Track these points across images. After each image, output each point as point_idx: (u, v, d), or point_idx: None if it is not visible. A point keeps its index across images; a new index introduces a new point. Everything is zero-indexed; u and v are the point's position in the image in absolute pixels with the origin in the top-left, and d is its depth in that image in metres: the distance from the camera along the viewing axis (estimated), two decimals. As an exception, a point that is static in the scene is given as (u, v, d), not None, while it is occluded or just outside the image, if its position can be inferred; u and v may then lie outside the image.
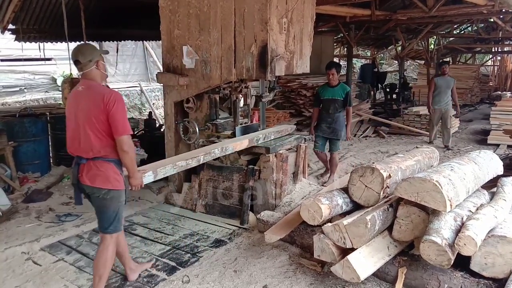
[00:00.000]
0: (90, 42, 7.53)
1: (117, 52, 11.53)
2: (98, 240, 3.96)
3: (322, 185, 5.36)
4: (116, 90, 3.05)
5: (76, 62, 2.88)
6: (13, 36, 7.34)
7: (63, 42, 7.35)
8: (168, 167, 3.43)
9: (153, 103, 13.80)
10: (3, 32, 6.89)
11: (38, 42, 7.68)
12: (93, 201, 2.95)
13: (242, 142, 4.26)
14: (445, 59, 13.82)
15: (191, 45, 4.51)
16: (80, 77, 2.97)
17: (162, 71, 4.95)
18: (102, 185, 2.81)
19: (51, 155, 6.52)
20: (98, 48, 3.07)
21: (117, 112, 2.74)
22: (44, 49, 7.73)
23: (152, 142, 6.23)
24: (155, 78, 5.23)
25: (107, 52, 3.27)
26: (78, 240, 4.02)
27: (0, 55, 10.74)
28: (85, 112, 2.78)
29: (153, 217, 4.60)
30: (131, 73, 14.19)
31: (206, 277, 3.29)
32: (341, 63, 19.26)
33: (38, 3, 6.71)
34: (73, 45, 7.62)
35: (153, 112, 8.46)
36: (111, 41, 10.34)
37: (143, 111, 13.54)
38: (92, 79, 2.91)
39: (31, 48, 8.13)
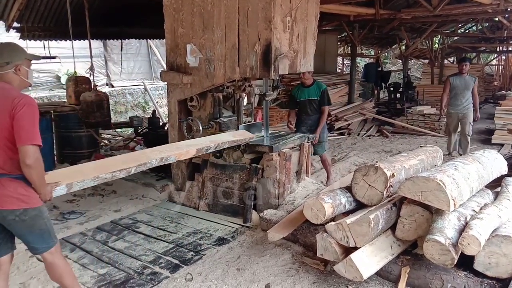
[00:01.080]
0: (94, 41, 7.54)
1: (121, 50, 11.59)
2: (102, 238, 4.01)
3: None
4: (120, 88, 2.85)
5: None
6: (18, 34, 7.37)
7: (68, 41, 7.38)
8: (87, 180, 2.80)
9: (157, 102, 13.84)
10: (8, 30, 6.92)
11: (42, 41, 7.71)
12: (8, 227, 2.48)
13: (188, 151, 3.62)
14: (465, 56, 13.18)
15: (195, 43, 4.51)
16: None
17: (166, 69, 4.96)
18: (13, 206, 2.38)
19: (55, 153, 6.55)
20: (22, 50, 2.62)
21: (23, 118, 2.31)
22: (49, 47, 7.76)
23: (155, 140, 6.24)
24: (159, 77, 5.24)
25: (38, 58, 2.88)
26: (81, 237, 4.04)
27: (5, 53, 10.80)
28: None
29: (156, 215, 4.62)
30: (135, 71, 14.23)
31: (209, 275, 3.30)
32: (345, 62, 19.27)
33: (42, 1, 6.74)
34: (77, 43, 7.69)
35: (156, 111, 8.47)
36: (115, 40, 10.38)
37: (147, 109, 13.59)
38: (7, 83, 2.48)
39: (35, 46, 8.16)
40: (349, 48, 14.76)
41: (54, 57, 8.87)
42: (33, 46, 8.05)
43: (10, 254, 2.68)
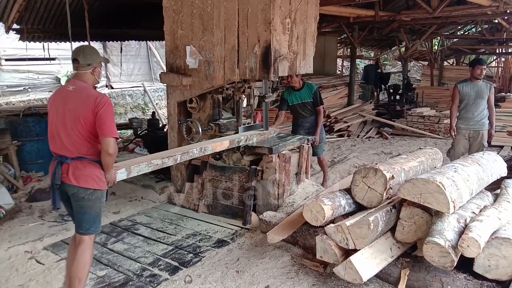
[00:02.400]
0: (94, 42, 7.55)
1: (120, 52, 11.57)
2: (101, 239, 3.99)
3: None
4: (119, 89, 3.09)
5: (74, 61, 2.89)
6: (18, 36, 7.38)
7: (67, 42, 7.38)
8: (142, 165, 3.28)
9: (156, 103, 13.83)
10: (7, 32, 6.93)
11: (42, 42, 7.71)
12: (74, 202, 2.85)
13: (222, 143, 4.12)
14: (479, 57, 12.26)
15: (195, 45, 4.51)
16: (72, 76, 2.93)
17: (165, 71, 4.96)
18: (88, 185, 2.78)
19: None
20: (100, 54, 3.06)
21: (105, 115, 2.74)
22: (48, 48, 7.75)
23: (155, 142, 6.24)
24: (159, 78, 5.24)
25: (107, 61, 3.22)
26: (81, 239, 4.03)
27: (4, 54, 10.80)
28: (73, 113, 2.77)
29: (155, 217, 4.61)
30: (135, 73, 14.21)
31: (209, 277, 3.29)
32: (344, 63, 19.29)
33: (42, 3, 6.74)
34: (76, 45, 7.68)
35: (156, 112, 8.48)
36: (114, 41, 10.38)
37: (146, 111, 13.58)
38: (84, 82, 2.90)
39: (35, 48, 8.16)
40: (349, 49, 14.76)
41: (53, 59, 8.88)
42: (32, 48, 8.07)
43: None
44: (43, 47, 7.70)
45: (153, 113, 7.66)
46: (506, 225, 2.98)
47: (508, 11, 8.76)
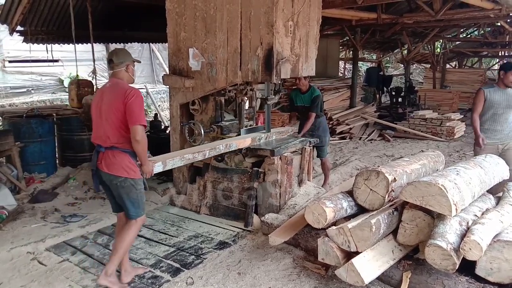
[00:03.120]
0: (97, 44, 7.57)
1: (123, 54, 11.62)
2: (103, 241, 4.01)
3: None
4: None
5: (110, 61, 3.19)
6: (21, 38, 7.41)
7: (70, 44, 7.41)
8: (176, 159, 3.61)
9: (159, 105, 13.87)
10: (11, 34, 6.96)
11: (45, 44, 7.75)
12: (112, 188, 3.14)
13: (245, 140, 4.41)
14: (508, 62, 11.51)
15: (197, 47, 4.53)
16: (110, 76, 3.30)
17: (168, 73, 4.98)
18: (118, 173, 3.03)
19: (57, 156, 6.56)
20: (130, 54, 3.32)
21: (134, 104, 2.98)
22: (51, 50, 7.79)
23: (157, 144, 6.24)
24: (161, 80, 5.26)
25: (139, 61, 3.53)
26: (83, 240, 4.04)
27: (8, 56, 10.86)
28: (108, 105, 3.05)
29: (157, 218, 4.62)
30: (137, 75, 14.13)
31: (210, 279, 3.29)
32: (347, 66, 19.29)
33: (46, 5, 6.77)
34: (80, 47, 7.71)
35: (158, 114, 8.50)
36: (117, 43, 10.41)
37: (149, 113, 13.59)
38: (120, 79, 3.18)
39: (38, 50, 8.21)
40: (351, 52, 14.79)
41: (56, 61, 8.93)
42: (36, 50, 8.12)
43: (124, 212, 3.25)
44: (47, 49, 7.73)
45: (156, 115, 7.68)
46: (509, 228, 2.98)
47: (510, 14, 8.75)
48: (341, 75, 16.44)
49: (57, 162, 6.52)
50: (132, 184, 3.07)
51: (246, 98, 4.81)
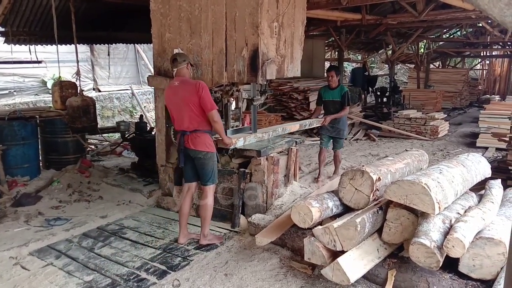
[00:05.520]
0: (81, 45, 7.46)
1: (108, 55, 11.49)
2: (88, 244, 3.96)
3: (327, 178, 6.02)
4: (107, 92, 3.18)
5: (174, 61, 3.85)
6: (2, 39, 7.27)
7: (53, 45, 7.31)
8: (251, 136, 4.55)
9: (144, 106, 13.75)
10: (-8, 35, 6.83)
11: (28, 45, 7.62)
12: (196, 161, 3.87)
13: (295, 125, 5.64)
14: None
15: (182, 48, 4.50)
16: (174, 75, 3.90)
17: (153, 74, 4.94)
18: (203, 148, 3.78)
19: (41, 158, 6.46)
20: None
21: (205, 95, 3.68)
22: (35, 51, 7.66)
23: (142, 145, 6.21)
24: (146, 81, 5.22)
25: (196, 65, 4.28)
26: (67, 244, 3.99)
27: (-11, 57, 10.63)
28: (184, 99, 3.72)
29: (143, 220, 4.58)
30: (122, 76, 14.12)
31: (197, 281, 3.28)
32: (332, 66, 19.34)
33: (28, 6, 6.66)
34: (63, 48, 7.60)
35: (144, 115, 8.40)
36: (102, 44, 10.29)
37: (134, 114, 13.49)
38: (183, 76, 3.83)
39: (21, 51, 8.06)
40: (336, 53, 14.88)
41: (39, 62, 8.77)
42: (18, 51, 7.97)
43: (196, 183, 4.03)
44: (29, 50, 7.60)
45: (141, 116, 7.60)
46: (490, 225, 3.03)
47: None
48: (326, 74, 16.54)
49: (40, 165, 6.42)
50: (211, 156, 3.83)
51: (232, 99, 4.80)
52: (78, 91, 6.54)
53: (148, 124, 7.92)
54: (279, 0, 4.20)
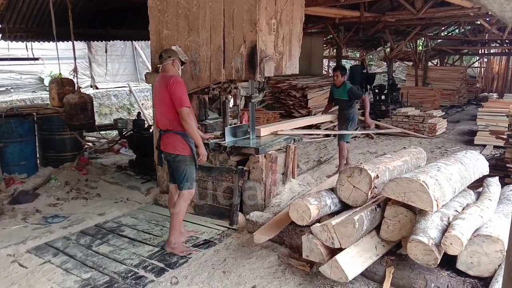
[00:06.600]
0: (78, 42, 7.45)
1: (105, 52, 11.44)
2: (86, 241, 3.96)
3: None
4: (104, 90, 3.22)
5: (160, 57, 3.71)
6: (-1, 35, 7.24)
7: (51, 42, 7.27)
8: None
9: (142, 103, 13.72)
10: (-12, 31, 6.79)
11: (25, 42, 7.58)
12: (169, 164, 3.77)
13: (325, 118, 6.68)
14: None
15: (180, 45, 4.48)
16: (159, 71, 3.74)
17: (151, 71, 4.92)
18: (172, 150, 3.62)
19: (38, 156, 6.44)
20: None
21: (176, 90, 3.45)
22: (31, 48, 7.62)
23: (140, 143, 6.19)
24: (144, 78, 5.21)
25: (184, 63, 3.89)
26: (65, 241, 3.98)
27: (-15, 54, 10.57)
28: (159, 96, 3.60)
29: (141, 218, 4.58)
30: (120, 73, 14.07)
31: (195, 278, 3.28)
32: (330, 64, 19.40)
33: (25, 2, 6.62)
34: (61, 45, 7.56)
35: (142, 113, 8.37)
36: (99, 41, 10.25)
37: (132, 111, 13.46)
38: (167, 72, 3.64)
39: (18, 48, 8.01)
40: (335, 50, 14.85)
41: (37, 59, 8.73)
42: (15, 47, 7.93)
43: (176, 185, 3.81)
44: (26, 46, 7.57)
45: (139, 113, 7.58)
46: (488, 223, 3.04)
47: (489, 13, 8.91)
48: (325, 73, 16.53)
49: (38, 162, 6.40)
50: (182, 160, 3.61)
51: (230, 96, 4.79)
52: (76, 88, 6.51)
53: (145, 122, 7.91)
54: (277, -3, 4.19)
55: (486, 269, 2.82)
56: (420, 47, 16.63)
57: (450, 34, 16.42)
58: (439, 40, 16.96)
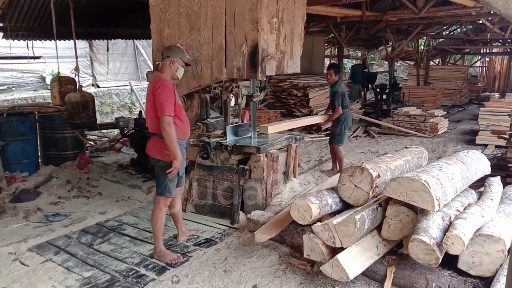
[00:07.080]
0: (80, 41, 7.44)
1: (107, 51, 11.44)
2: (87, 240, 3.96)
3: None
4: (106, 88, 3.18)
5: (162, 54, 3.57)
6: (1, 34, 7.24)
7: (52, 41, 7.28)
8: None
9: (143, 102, 13.72)
10: (-10, 30, 6.80)
11: (26, 40, 7.59)
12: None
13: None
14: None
15: (182, 44, 4.48)
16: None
17: (152, 70, 4.92)
18: (155, 155, 3.49)
19: (39, 154, 6.45)
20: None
21: (160, 96, 3.28)
22: (32, 47, 7.63)
23: (142, 142, 6.18)
24: (146, 77, 5.20)
25: (189, 64, 3.69)
26: (66, 240, 3.98)
27: (-13, 53, 10.59)
28: (147, 98, 3.46)
29: (142, 217, 4.58)
30: (122, 72, 14.09)
31: (196, 277, 3.28)
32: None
33: (26, 1, 6.63)
34: (62, 43, 7.58)
35: (143, 111, 8.39)
36: (101, 40, 10.25)
37: (133, 110, 13.47)
38: (162, 72, 3.47)
39: (19, 46, 8.03)
40: (336, 49, 14.84)
41: (38, 57, 8.75)
42: (16, 46, 7.94)
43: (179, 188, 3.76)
44: (27, 45, 7.57)
45: (140, 112, 7.58)
46: (490, 222, 3.03)
47: (491, 12, 8.90)
48: (326, 72, 16.54)
49: (39, 160, 6.41)
50: (164, 166, 3.44)
51: (231, 95, 4.79)
52: (77, 87, 6.51)
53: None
54: (279, -4, 4.18)
55: (487, 269, 2.81)
56: (422, 47, 16.60)
57: (452, 33, 16.39)
58: (441, 40, 16.93)
